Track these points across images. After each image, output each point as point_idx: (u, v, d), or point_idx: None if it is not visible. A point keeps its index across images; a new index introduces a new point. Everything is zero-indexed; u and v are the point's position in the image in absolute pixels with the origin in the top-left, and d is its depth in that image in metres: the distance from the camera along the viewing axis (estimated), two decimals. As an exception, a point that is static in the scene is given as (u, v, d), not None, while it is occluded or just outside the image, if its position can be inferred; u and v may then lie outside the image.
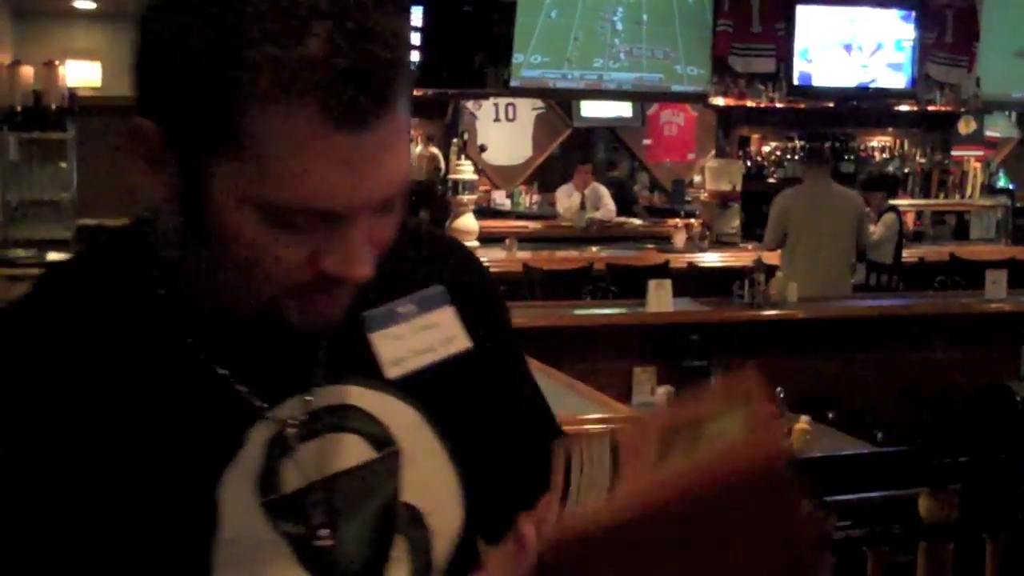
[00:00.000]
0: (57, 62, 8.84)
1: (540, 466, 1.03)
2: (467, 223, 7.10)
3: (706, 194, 9.15)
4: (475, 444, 1.06)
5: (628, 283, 6.60)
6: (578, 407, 3.47)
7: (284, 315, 0.92)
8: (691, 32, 8.35)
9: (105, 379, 0.94)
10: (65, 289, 1.00)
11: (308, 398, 0.99)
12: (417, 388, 1.03)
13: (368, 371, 1.02)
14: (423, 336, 1.05)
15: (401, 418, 1.02)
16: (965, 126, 10.21)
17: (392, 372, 1.02)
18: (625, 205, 9.92)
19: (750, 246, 8.36)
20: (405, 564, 1.01)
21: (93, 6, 9.69)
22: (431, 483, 1.03)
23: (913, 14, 9.15)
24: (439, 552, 1.02)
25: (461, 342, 1.07)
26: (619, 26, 8.22)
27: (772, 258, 7.16)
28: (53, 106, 8.58)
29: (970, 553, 2.19)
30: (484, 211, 9.42)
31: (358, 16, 0.83)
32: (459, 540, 1.04)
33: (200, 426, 0.95)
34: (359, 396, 1.01)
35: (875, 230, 7.28)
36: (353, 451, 0.99)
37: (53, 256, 8.07)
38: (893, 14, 9.18)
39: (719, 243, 8.62)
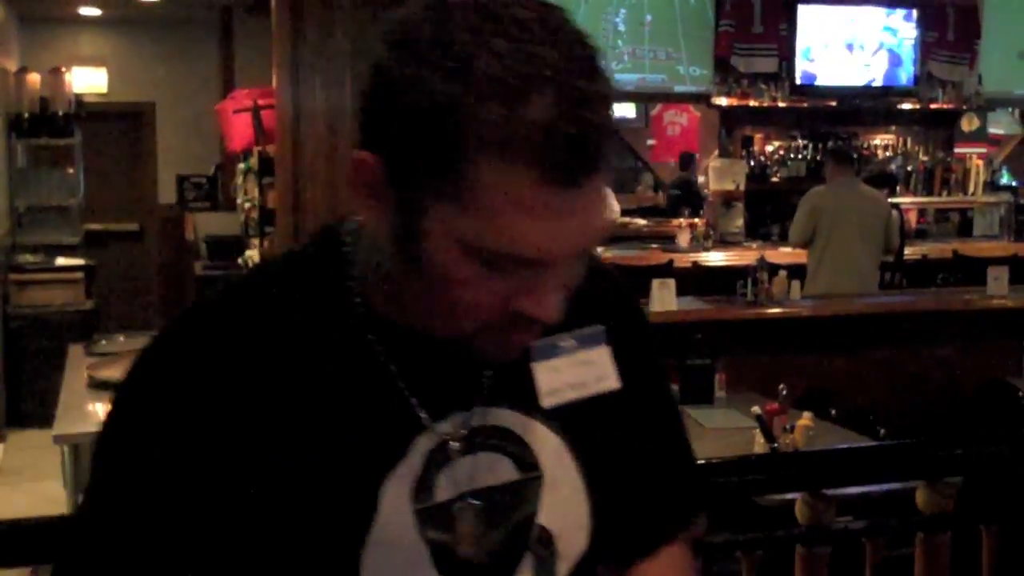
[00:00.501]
0: (63, 69, 8.90)
1: (667, 509, 1.19)
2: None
3: (710, 194, 9.18)
4: (611, 479, 1.13)
5: (633, 282, 6.60)
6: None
7: (474, 346, 1.00)
8: (693, 32, 8.39)
9: (295, 373, 1.02)
10: (268, 287, 1.09)
11: (468, 416, 1.06)
12: (566, 419, 1.11)
13: (525, 397, 1.09)
14: (579, 371, 1.12)
15: (547, 445, 1.10)
16: (968, 123, 10.24)
17: (547, 401, 1.10)
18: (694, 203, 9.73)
19: (754, 245, 8.40)
20: None
21: (99, 13, 9.74)
22: (565, 509, 1.10)
23: (914, 13, 9.18)
24: (561, 574, 1.10)
25: (612, 382, 1.13)
26: (621, 27, 8.26)
27: (776, 257, 7.20)
28: (60, 112, 8.64)
29: (966, 544, 2.23)
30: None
31: (578, 83, 0.89)
32: (580, 565, 1.12)
33: (373, 430, 1.04)
34: (513, 420, 1.09)
35: None
36: (501, 470, 1.07)
37: (61, 261, 8.14)
38: (895, 13, 9.21)
39: (723, 242, 8.65)
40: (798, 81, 9.02)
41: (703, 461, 2.26)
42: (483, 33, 0.88)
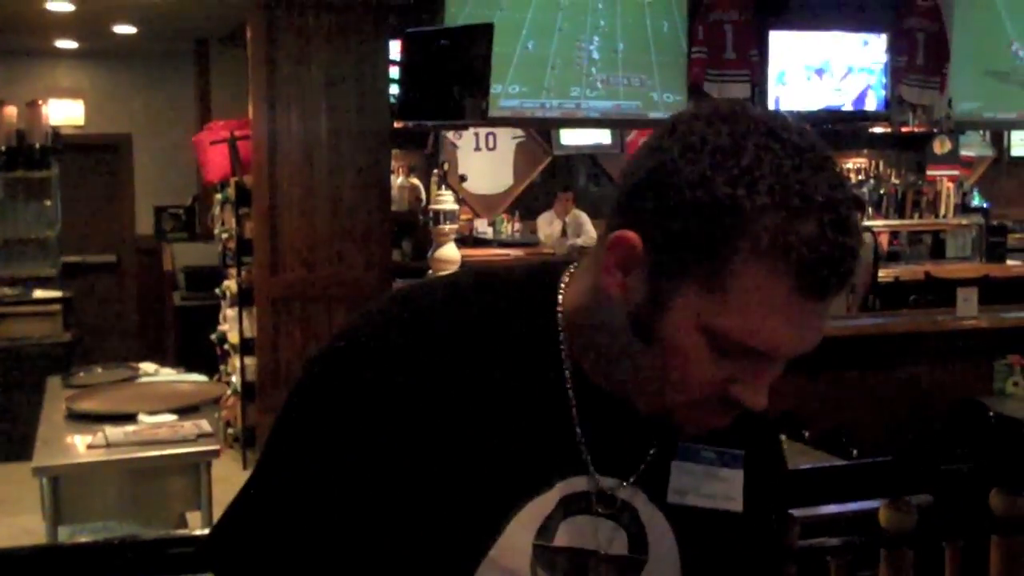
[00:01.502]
0: (40, 101, 8.91)
1: None
2: (449, 253, 7.17)
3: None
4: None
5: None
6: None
7: (675, 419, 1.09)
8: (666, 59, 8.47)
9: (479, 389, 1.11)
10: (477, 301, 1.18)
11: (615, 481, 1.15)
12: (687, 522, 1.19)
13: (656, 488, 1.18)
14: (711, 484, 1.20)
15: (661, 535, 1.18)
16: (940, 146, 10.36)
17: (672, 498, 1.18)
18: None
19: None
20: None
21: (76, 45, 9.77)
22: None
23: (884, 37, 9.29)
24: None
25: (735, 505, 1.21)
26: (595, 55, 8.33)
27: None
28: (37, 145, 8.64)
29: (929, 561, 2.28)
30: (466, 240, 9.50)
31: (843, 211, 0.99)
32: None
33: (529, 457, 1.12)
34: (641, 503, 1.17)
35: None
36: (615, 542, 1.16)
37: (39, 293, 8.13)
38: (864, 38, 9.32)
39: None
40: (770, 106, 9.11)
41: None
42: (769, 151, 0.99)
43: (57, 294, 8.26)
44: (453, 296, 1.18)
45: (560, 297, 1.16)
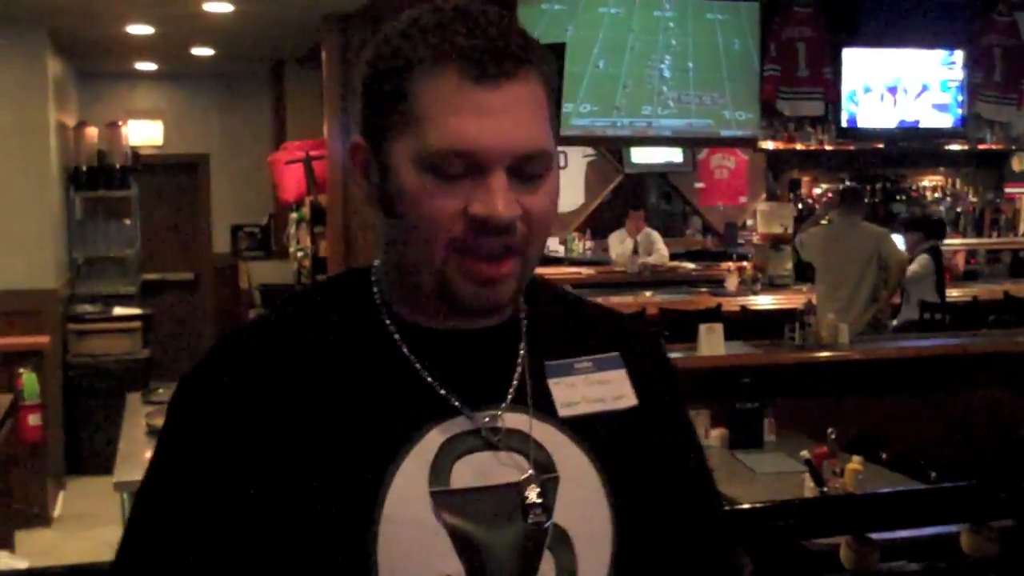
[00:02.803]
0: (120, 122, 9.09)
1: (692, 517, 1.27)
2: (521, 271, 7.20)
3: (758, 237, 9.20)
4: (632, 483, 1.21)
5: (681, 327, 6.64)
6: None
7: (454, 287, 1.14)
8: (738, 77, 8.44)
9: (325, 367, 1.17)
10: (302, 308, 1.26)
11: (495, 414, 1.17)
12: (584, 429, 1.20)
13: (543, 409, 1.19)
14: (596, 389, 1.23)
15: (565, 450, 1.19)
16: (1018, 163, 10.19)
17: (564, 412, 1.20)
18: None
19: (804, 288, 8.40)
20: None
21: (155, 67, 9.95)
22: (584, 510, 1.18)
23: (961, 54, 9.18)
24: (585, 575, 1.17)
25: (629, 400, 1.25)
26: (667, 74, 8.33)
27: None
28: (117, 165, 8.81)
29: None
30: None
31: (482, 9, 1.14)
32: (612, 572, 1.18)
33: (390, 414, 1.15)
34: (531, 426, 1.18)
35: (911, 269, 7.49)
36: (518, 469, 1.16)
37: (119, 310, 8.29)
38: (940, 55, 9.22)
39: (772, 286, 8.65)
40: (844, 124, 9.04)
41: (748, 506, 2.30)
42: (421, 10, 1.15)
43: (136, 311, 8.42)
44: (288, 302, 1.28)
45: (373, 271, 1.24)
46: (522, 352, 1.21)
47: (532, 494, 1.14)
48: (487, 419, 1.16)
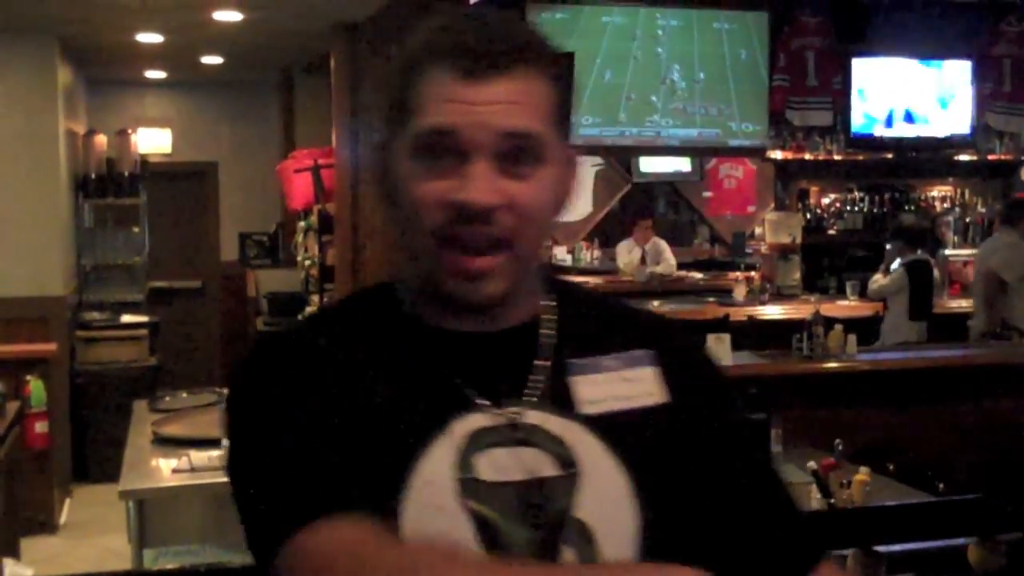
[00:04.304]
0: (129, 130, 9.11)
1: (745, 512, 1.23)
2: (528, 280, 7.19)
3: (766, 247, 9.19)
4: (661, 480, 1.20)
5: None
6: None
7: (440, 281, 1.17)
8: (745, 88, 8.43)
9: (361, 377, 1.19)
10: (333, 319, 1.30)
11: (518, 411, 1.18)
12: (608, 426, 1.20)
13: (567, 406, 1.20)
14: (623, 386, 1.23)
15: (587, 447, 1.18)
16: (1027, 174, 10.17)
17: (587, 409, 1.20)
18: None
19: (812, 298, 8.37)
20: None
21: (164, 75, 9.97)
22: (607, 507, 1.17)
23: (970, 64, 9.17)
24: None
25: (660, 397, 1.24)
26: (675, 83, 8.33)
27: (833, 310, 7.19)
28: (126, 173, 8.83)
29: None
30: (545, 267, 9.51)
31: (473, 12, 1.20)
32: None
33: (418, 406, 1.17)
34: (553, 423, 1.19)
35: (879, 282, 7.64)
36: (540, 465, 1.17)
37: (126, 318, 8.30)
38: (949, 65, 9.20)
39: (780, 296, 8.63)
40: (853, 133, 9.02)
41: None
42: (437, 16, 1.20)
43: (144, 319, 8.42)
44: (317, 316, 1.36)
45: (397, 282, 1.28)
46: (546, 350, 1.22)
47: (517, 497, 1.15)
48: (510, 415, 1.17)
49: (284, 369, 1.20)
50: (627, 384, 1.23)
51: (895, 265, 7.63)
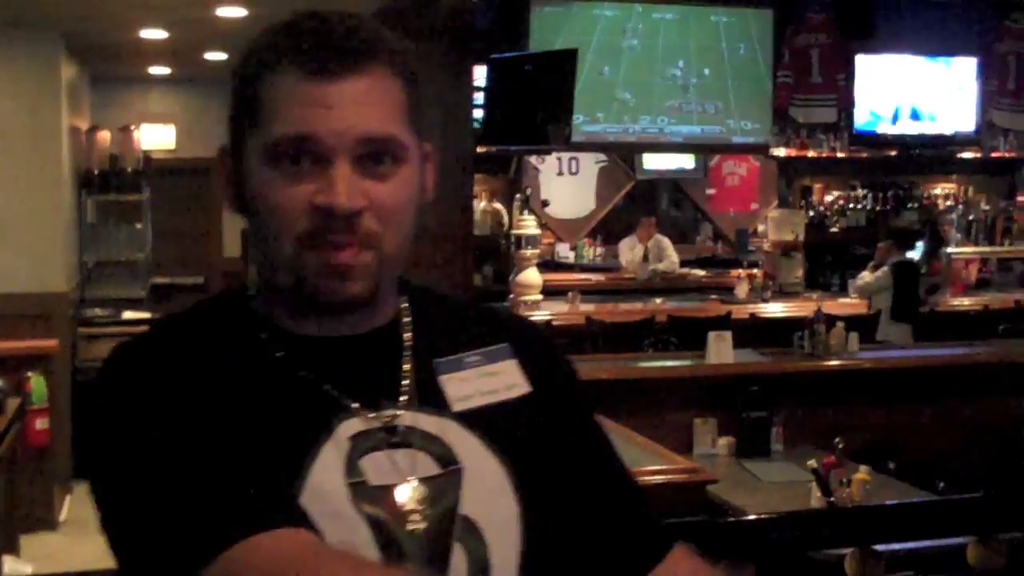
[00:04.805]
0: (133, 126, 9.11)
1: (600, 501, 1.26)
2: (530, 277, 7.20)
3: (769, 244, 9.18)
4: (534, 469, 1.21)
5: (690, 334, 6.63)
6: (636, 459, 3.53)
7: (307, 279, 1.14)
8: (746, 85, 8.42)
9: (219, 397, 1.14)
10: (182, 325, 1.25)
11: (393, 413, 1.18)
12: (480, 420, 1.21)
13: (438, 405, 1.21)
14: (488, 381, 1.25)
15: (464, 443, 1.20)
16: (1032, 171, 10.16)
17: (458, 406, 1.21)
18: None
19: (814, 295, 8.37)
20: (463, 568, 1.16)
21: (168, 72, 9.97)
22: (490, 500, 1.19)
23: (975, 61, 9.15)
24: (497, 563, 1.17)
25: (522, 388, 1.26)
26: (679, 80, 8.32)
27: (835, 308, 7.19)
28: (129, 169, 8.82)
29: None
30: (548, 264, 9.51)
31: (320, 21, 1.16)
32: (524, 559, 1.19)
33: (295, 418, 1.15)
34: (429, 422, 1.20)
35: (863, 279, 7.63)
36: (421, 465, 1.17)
37: (128, 314, 8.30)
38: (954, 61, 9.19)
39: (782, 293, 8.63)
40: (856, 130, 9.01)
41: (753, 517, 2.28)
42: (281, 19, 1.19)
43: (146, 315, 8.41)
44: (161, 326, 1.29)
45: (250, 287, 1.25)
46: (408, 351, 1.23)
47: (406, 499, 1.15)
48: (385, 418, 1.17)
49: (147, 390, 1.16)
50: (492, 378, 1.25)
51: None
